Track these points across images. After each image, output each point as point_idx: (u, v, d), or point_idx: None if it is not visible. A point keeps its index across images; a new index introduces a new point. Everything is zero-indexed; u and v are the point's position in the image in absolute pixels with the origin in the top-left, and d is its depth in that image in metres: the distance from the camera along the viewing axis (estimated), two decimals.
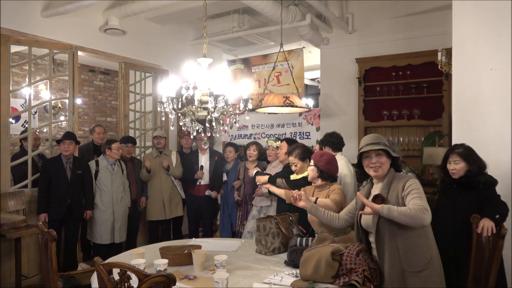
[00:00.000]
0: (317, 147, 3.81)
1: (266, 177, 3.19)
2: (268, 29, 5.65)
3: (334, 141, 3.69)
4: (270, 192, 3.45)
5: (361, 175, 2.28)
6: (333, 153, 3.48)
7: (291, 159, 3.10)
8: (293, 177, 3.17)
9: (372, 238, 2.10)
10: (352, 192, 3.38)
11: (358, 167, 2.23)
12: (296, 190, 2.35)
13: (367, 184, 2.26)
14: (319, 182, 2.68)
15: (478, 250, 2.42)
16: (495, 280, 2.24)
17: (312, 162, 2.69)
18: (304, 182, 2.94)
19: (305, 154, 3.09)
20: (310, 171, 2.70)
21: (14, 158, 4.29)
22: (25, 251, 3.90)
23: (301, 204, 2.29)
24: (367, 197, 2.15)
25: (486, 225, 2.34)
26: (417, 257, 1.97)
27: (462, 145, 2.64)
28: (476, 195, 2.53)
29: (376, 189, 2.14)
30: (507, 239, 2.72)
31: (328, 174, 2.66)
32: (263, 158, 4.39)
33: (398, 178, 2.09)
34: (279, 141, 4.18)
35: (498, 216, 2.39)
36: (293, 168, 3.12)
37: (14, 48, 4.26)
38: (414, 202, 1.92)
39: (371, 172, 2.14)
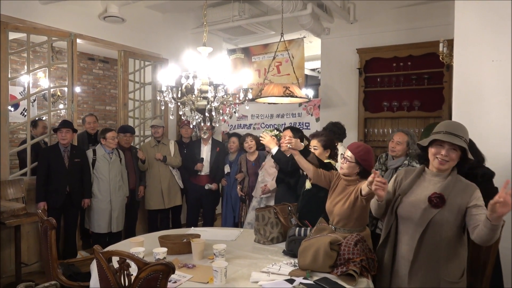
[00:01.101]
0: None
1: (302, 145, 2.78)
2: (269, 18, 5.60)
3: (336, 131, 3.68)
4: (283, 175, 3.28)
5: (420, 158, 2.06)
6: None
7: (314, 142, 2.90)
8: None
9: (406, 229, 1.96)
10: None
11: (422, 149, 2.00)
12: (378, 174, 1.95)
13: (414, 173, 2.03)
14: (353, 177, 2.42)
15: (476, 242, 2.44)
16: (491, 272, 2.26)
17: (352, 158, 2.38)
18: (330, 167, 2.76)
19: (329, 144, 2.90)
20: (350, 167, 2.39)
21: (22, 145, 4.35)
22: (25, 238, 3.92)
23: (381, 193, 1.92)
24: (411, 187, 1.99)
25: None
26: (456, 267, 1.88)
27: None
28: None
29: (431, 185, 1.94)
30: (507, 232, 2.74)
31: (368, 172, 2.40)
32: (261, 148, 4.39)
33: (461, 182, 1.91)
34: (276, 131, 4.15)
35: None
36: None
37: (12, 35, 4.22)
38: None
39: (435, 163, 1.92)
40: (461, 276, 1.90)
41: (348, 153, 2.39)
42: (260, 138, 3.00)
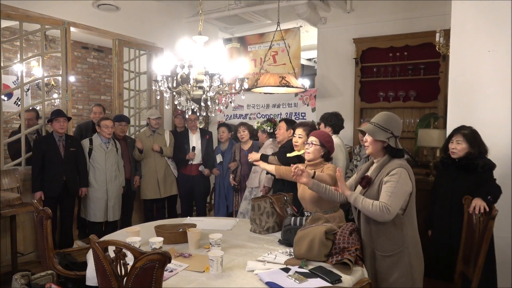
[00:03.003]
0: (322, 126, 3.77)
1: (258, 155, 3.19)
2: (265, 7, 5.55)
3: (338, 123, 3.69)
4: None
5: None
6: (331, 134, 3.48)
7: (299, 131, 3.04)
8: (288, 154, 3.12)
9: None
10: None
11: None
12: (296, 165, 2.29)
13: (367, 163, 2.28)
14: (317, 161, 2.65)
15: (469, 231, 2.47)
16: (484, 260, 2.29)
17: (317, 141, 2.62)
18: (296, 160, 2.92)
19: None
20: (316, 151, 2.62)
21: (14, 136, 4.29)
22: (21, 228, 3.92)
23: (303, 180, 2.25)
24: (365, 173, 2.20)
25: (477, 204, 2.38)
26: (387, 243, 2.03)
27: (469, 128, 2.65)
28: (474, 178, 2.55)
29: (371, 169, 2.18)
30: (505, 222, 2.78)
31: (330, 155, 2.68)
32: (255, 137, 4.40)
33: (392, 163, 2.06)
34: (269, 122, 4.19)
35: (490, 197, 2.42)
36: (295, 139, 3.05)
37: (4, 23, 4.15)
38: (382, 197, 1.97)
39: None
40: (395, 250, 2.02)
41: (313, 138, 2.63)
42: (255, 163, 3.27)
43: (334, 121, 3.68)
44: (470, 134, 2.61)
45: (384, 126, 2.08)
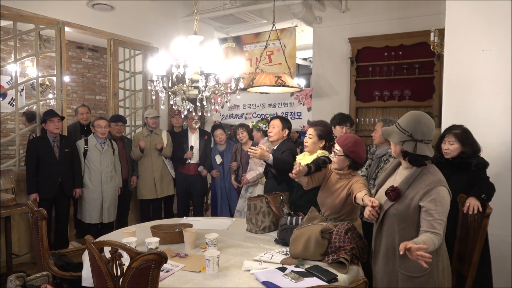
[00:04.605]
0: (339, 129, 3.59)
1: (268, 155, 2.76)
2: (261, 7, 5.55)
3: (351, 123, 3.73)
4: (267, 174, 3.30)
5: None
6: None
7: (311, 130, 2.82)
8: (299, 157, 2.87)
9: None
10: None
11: None
12: (374, 201, 1.96)
13: (394, 161, 2.09)
14: (345, 171, 2.40)
15: (463, 229, 2.48)
16: (478, 258, 2.30)
17: (341, 152, 2.34)
18: (326, 163, 2.65)
19: (326, 135, 2.83)
20: (340, 161, 2.36)
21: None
22: (15, 229, 3.89)
23: (373, 219, 1.96)
24: (386, 179, 2.04)
25: (471, 204, 2.39)
26: (415, 262, 1.75)
27: (460, 127, 2.65)
28: (467, 177, 2.57)
29: (398, 176, 1.97)
30: (499, 220, 2.80)
31: (359, 164, 2.43)
32: (252, 138, 4.42)
33: (426, 177, 1.84)
34: (262, 121, 4.21)
35: (484, 195, 2.43)
36: (305, 139, 2.86)
37: None
38: (433, 227, 1.73)
39: None
40: (424, 270, 1.81)
41: (337, 147, 2.37)
42: (251, 155, 2.87)
43: (351, 120, 3.74)
44: (461, 133, 2.61)
45: (403, 126, 1.86)
